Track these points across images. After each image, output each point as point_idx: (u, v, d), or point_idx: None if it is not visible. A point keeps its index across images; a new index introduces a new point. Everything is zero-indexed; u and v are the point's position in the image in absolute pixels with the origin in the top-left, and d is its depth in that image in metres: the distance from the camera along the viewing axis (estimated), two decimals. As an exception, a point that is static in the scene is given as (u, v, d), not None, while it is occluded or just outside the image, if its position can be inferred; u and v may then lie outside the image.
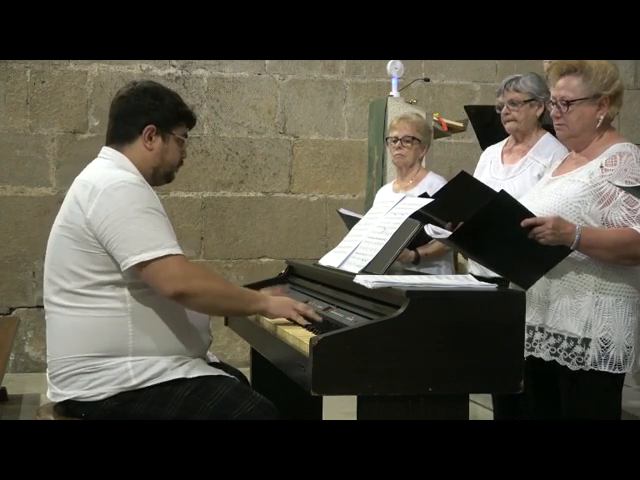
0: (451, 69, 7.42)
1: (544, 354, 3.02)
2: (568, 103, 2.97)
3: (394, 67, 5.79)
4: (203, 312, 2.83)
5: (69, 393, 2.73)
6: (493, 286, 2.80)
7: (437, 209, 3.05)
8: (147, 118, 2.84)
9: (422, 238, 3.75)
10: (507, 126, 3.97)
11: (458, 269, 4.59)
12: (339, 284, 3.08)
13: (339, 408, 3.70)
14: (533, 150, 3.89)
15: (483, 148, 4.30)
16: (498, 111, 3.97)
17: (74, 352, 2.72)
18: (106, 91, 6.80)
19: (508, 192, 2.92)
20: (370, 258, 3.07)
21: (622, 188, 2.81)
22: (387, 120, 5.41)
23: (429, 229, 3.06)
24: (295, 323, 2.88)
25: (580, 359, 2.93)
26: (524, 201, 2.98)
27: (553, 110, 3.03)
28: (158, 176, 2.90)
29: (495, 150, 4.09)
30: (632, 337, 2.94)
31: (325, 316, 2.99)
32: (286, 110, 7.20)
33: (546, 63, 4.85)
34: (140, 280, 2.70)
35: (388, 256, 3.04)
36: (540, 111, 3.89)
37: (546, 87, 3.87)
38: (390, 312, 2.57)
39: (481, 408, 4.17)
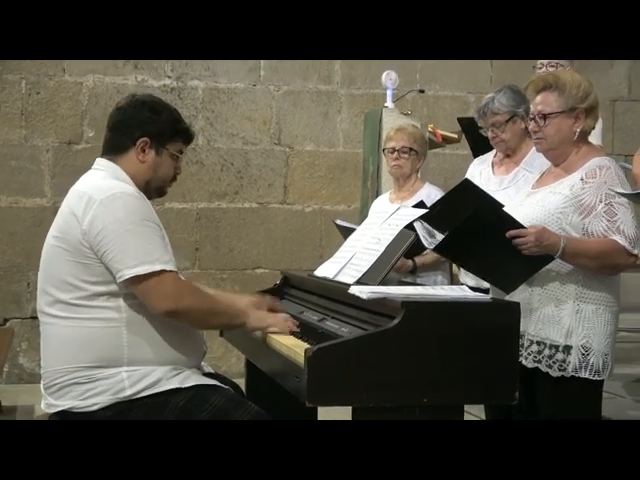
0: (445, 80, 7.44)
1: (527, 361, 3.07)
2: (545, 117, 3.05)
3: (389, 78, 5.79)
4: (191, 327, 2.85)
5: (63, 404, 2.72)
6: (488, 297, 2.82)
7: (436, 219, 3.07)
8: (142, 130, 2.84)
9: (418, 248, 3.76)
10: (497, 148, 3.99)
11: (453, 280, 4.59)
12: (334, 295, 3.09)
13: (334, 419, 3.68)
14: (525, 161, 3.91)
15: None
16: (484, 134, 3.98)
17: (69, 363, 2.72)
18: (101, 102, 6.81)
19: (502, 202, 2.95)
20: (365, 269, 3.07)
21: (622, 195, 2.93)
22: (382, 131, 5.41)
23: (420, 231, 3.08)
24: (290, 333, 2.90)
25: (562, 366, 3.00)
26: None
27: (531, 125, 3.12)
28: (150, 190, 2.90)
29: (484, 160, 4.12)
30: (609, 345, 3.03)
31: (320, 327, 2.99)
32: (281, 121, 7.21)
33: (538, 64, 4.89)
34: (135, 291, 2.70)
35: (383, 267, 3.04)
36: (524, 123, 3.90)
37: (523, 97, 3.89)
38: (385, 323, 2.57)
39: (475, 419, 4.17)
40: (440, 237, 3.02)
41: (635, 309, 5.04)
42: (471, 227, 2.83)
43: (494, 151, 4.09)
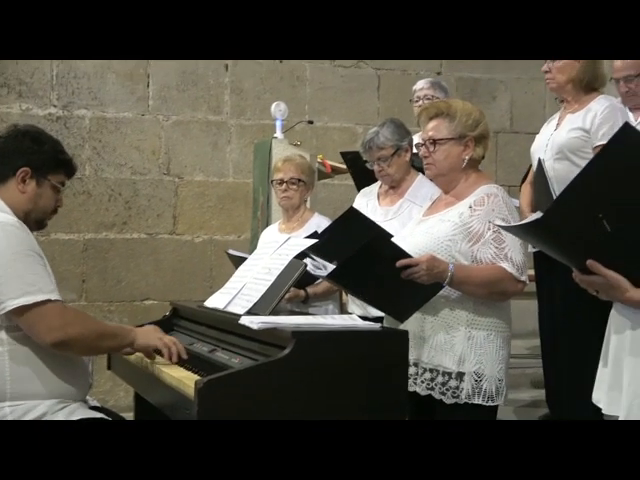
0: (334, 112, 7.52)
1: (420, 388, 3.10)
2: (435, 142, 3.12)
3: (278, 109, 5.83)
4: (81, 355, 2.80)
5: (-58, 442, 2.62)
6: (377, 325, 2.86)
7: (324, 249, 3.09)
8: (23, 161, 2.80)
9: (310, 277, 3.79)
10: (383, 181, 4.06)
11: (342, 309, 4.63)
12: (224, 325, 3.07)
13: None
14: (410, 193, 4.00)
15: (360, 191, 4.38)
16: (370, 167, 4.05)
17: (-52, 399, 2.62)
18: (-16, 130, 6.63)
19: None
20: (255, 299, 3.07)
21: (503, 227, 2.93)
22: (272, 161, 5.42)
23: (309, 264, 3.10)
24: (178, 364, 2.87)
25: (455, 392, 3.03)
26: (396, 240, 3.06)
27: (422, 150, 3.18)
28: (30, 221, 2.85)
29: (370, 192, 4.19)
30: (503, 370, 3.08)
31: (210, 358, 2.97)
32: (170, 151, 7.15)
33: (415, 97, 5.00)
34: (19, 323, 2.63)
35: (273, 297, 3.05)
36: (408, 155, 4.00)
37: (406, 130, 4.00)
38: (276, 353, 2.57)
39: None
40: (331, 266, 3.04)
41: (520, 335, 5.17)
42: (362, 257, 2.85)
43: (379, 182, 4.16)
